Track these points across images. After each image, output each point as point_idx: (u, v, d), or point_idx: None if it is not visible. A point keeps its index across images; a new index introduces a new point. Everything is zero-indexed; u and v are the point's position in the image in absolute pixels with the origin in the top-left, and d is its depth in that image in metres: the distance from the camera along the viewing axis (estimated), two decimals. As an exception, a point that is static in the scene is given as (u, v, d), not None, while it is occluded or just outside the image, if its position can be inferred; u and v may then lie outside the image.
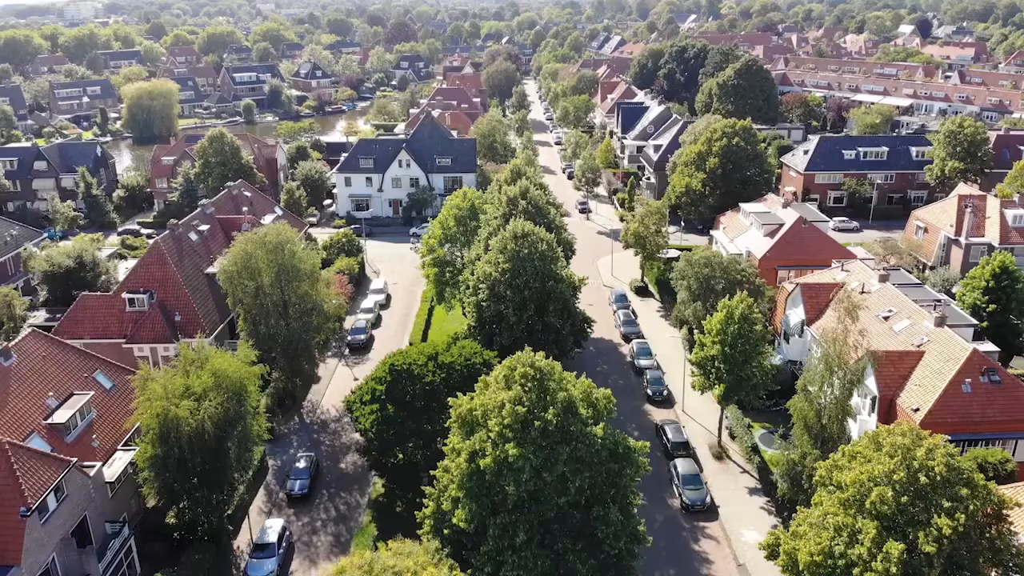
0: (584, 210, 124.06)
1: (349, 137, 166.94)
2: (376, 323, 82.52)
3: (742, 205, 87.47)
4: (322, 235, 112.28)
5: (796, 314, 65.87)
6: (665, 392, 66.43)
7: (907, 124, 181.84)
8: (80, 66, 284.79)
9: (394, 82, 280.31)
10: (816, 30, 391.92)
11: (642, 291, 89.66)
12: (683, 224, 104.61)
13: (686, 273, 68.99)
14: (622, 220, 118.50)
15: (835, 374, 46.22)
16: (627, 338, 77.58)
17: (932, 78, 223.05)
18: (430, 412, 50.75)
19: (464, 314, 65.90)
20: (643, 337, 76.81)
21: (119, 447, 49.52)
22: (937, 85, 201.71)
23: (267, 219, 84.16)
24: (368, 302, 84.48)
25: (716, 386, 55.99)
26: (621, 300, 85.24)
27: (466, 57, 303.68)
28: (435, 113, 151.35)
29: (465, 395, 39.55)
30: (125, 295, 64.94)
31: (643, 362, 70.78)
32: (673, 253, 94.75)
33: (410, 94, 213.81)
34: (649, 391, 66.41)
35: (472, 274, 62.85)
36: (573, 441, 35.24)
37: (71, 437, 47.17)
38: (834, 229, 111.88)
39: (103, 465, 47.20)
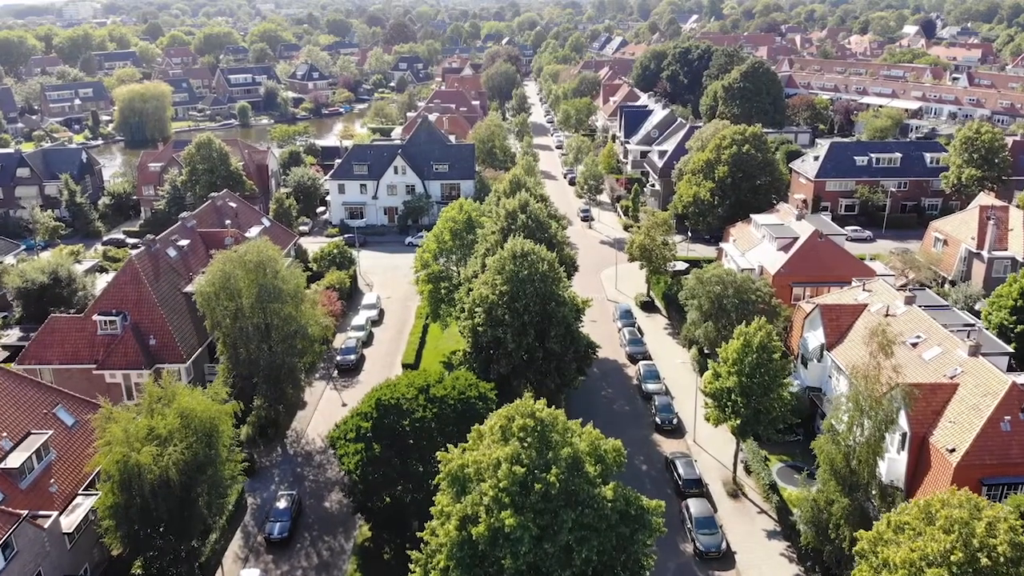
0: (586, 218, 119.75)
1: (344, 141, 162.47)
2: (368, 341, 78.20)
3: (754, 217, 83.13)
4: (314, 245, 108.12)
5: (815, 337, 61.54)
6: (675, 420, 62.07)
7: (917, 127, 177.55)
8: (74, 68, 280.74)
9: (392, 84, 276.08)
10: (819, 31, 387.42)
11: (648, 306, 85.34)
12: (690, 234, 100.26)
13: (696, 292, 64.66)
14: (626, 229, 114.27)
15: (866, 414, 41.86)
16: (633, 359, 73.25)
17: (940, 80, 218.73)
18: (421, 450, 46.44)
19: (460, 332, 61.54)
20: (650, 358, 72.46)
21: (80, 491, 45.22)
22: (946, 88, 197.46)
23: (253, 231, 79.98)
24: (359, 319, 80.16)
25: (732, 419, 51.63)
26: (626, 316, 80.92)
27: (465, 58, 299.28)
28: (432, 117, 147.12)
29: (457, 445, 35.19)
30: (96, 317, 60.64)
31: (651, 386, 66.44)
32: (680, 266, 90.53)
33: (408, 96, 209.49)
34: (658, 419, 62.04)
35: (468, 294, 58.55)
36: (579, 506, 30.94)
37: (26, 483, 42.90)
38: (847, 239, 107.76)
39: (61, 514, 42.92)
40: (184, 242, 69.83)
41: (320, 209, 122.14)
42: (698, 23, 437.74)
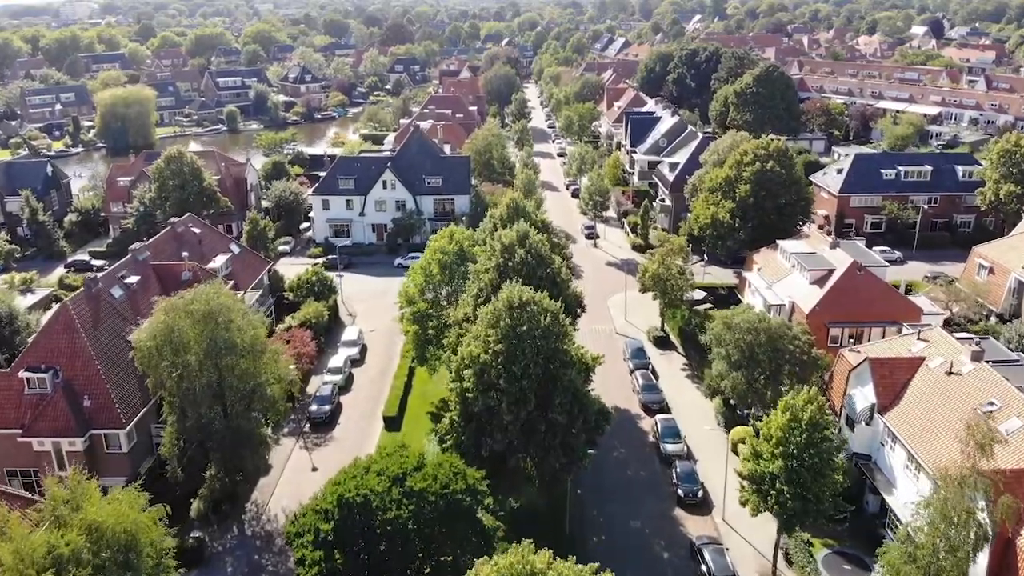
0: (591, 235, 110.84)
1: (330, 149, 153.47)
2: (346, 385, 69.22)
3: (781, 244, 74.21)
4: (295, 267, 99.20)
5: (863, 396, 52.62)
6: (700, 493, 53.11)
7: (938, 134, 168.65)
8: (60, 70, 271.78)
9: (388, 86, 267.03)
10: (826, 31, 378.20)
11: (663, 342, 76.37)
12: (706, 257, 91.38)
13: (724, 339, 55.76)
14: (635, 248, 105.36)
15: (955, 527, 33.01)
16: (648, 409, 64.32)
17: (957, 83, 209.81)
18: (395, 557, 37.67)
19: (448, 393, 52.50)
20: (668, 409, 63.55)
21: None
22: (966, 92, 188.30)
23: (218, 260, 71.05)
24: (337, 359, 71.11)
25: (774, 508, 42.69)
26: (638, 355, 71.91)
27: (464, 60, 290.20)
28: (426, 125, 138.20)
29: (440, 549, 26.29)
30: (23, 374, 51.72)
31: (670, 447, 57.52)
32: (697, 294, 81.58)
33: (402, 101, 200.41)
34: (680, 491, 53.08)
35: (456, 348, 49.68)
36: None
37: None
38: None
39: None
40: (133, 279, 60.84)
41: (304, 225, 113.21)
42: (701, 23, 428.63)
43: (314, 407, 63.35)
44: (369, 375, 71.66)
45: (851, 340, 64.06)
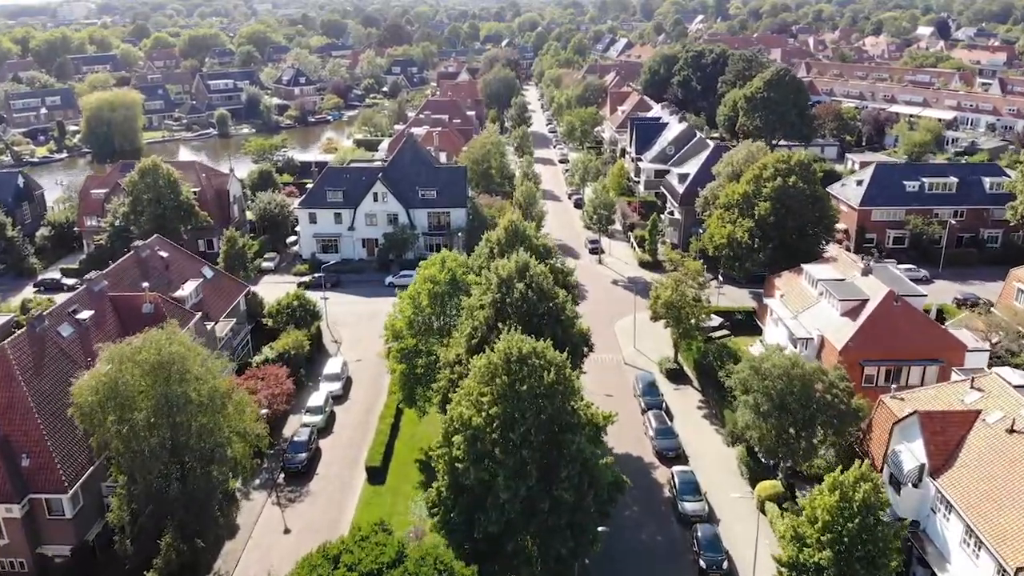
0: (595, 250, 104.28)
1: (314, 161, 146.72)
2: (327, 426, 62.64)
3: (806, 268, 67.64)
4: (279, 286, 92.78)
5: (911, 454, 46.07)
6: (725, 563, 46.51)
7: (954, 140, 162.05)
8: (48, 73, 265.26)
9: (385, 88, 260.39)
10: (831, 32, 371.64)
11: (676, 375, 69.78)
12: (721, 278, 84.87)
13: (751, 385, 49.25)
14: (642, 265, 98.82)
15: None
16: (662, 456, 57.77)
17: (971, 86, 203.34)
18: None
19: (433, 462, 45.85)
20: (685, 459, 57.01)
21: None
22: (981, 96, 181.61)
23: (187, 288, 64.49)
24: (317, 396, 64.41)
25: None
26: (651, 391, 65.31)
27: (463, 62, 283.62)
28: (421, 131, 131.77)
29: None
30: (-50, 428, 45.21)
31: (689, 506, 50.99)
32: (714, 320, 74.93)
33: (398, 105, 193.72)
34: (702, 562, 46.48)
35: (446, 401, 43.21)
36: None
37: None
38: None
39: None
40: (86, 314, 54.23)
41: (291, 239, 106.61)
42: (704, 23, 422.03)
43: (287, 455, 56.73)
44: (352, 414, 65.06)
45: (888, 381, 57.65)
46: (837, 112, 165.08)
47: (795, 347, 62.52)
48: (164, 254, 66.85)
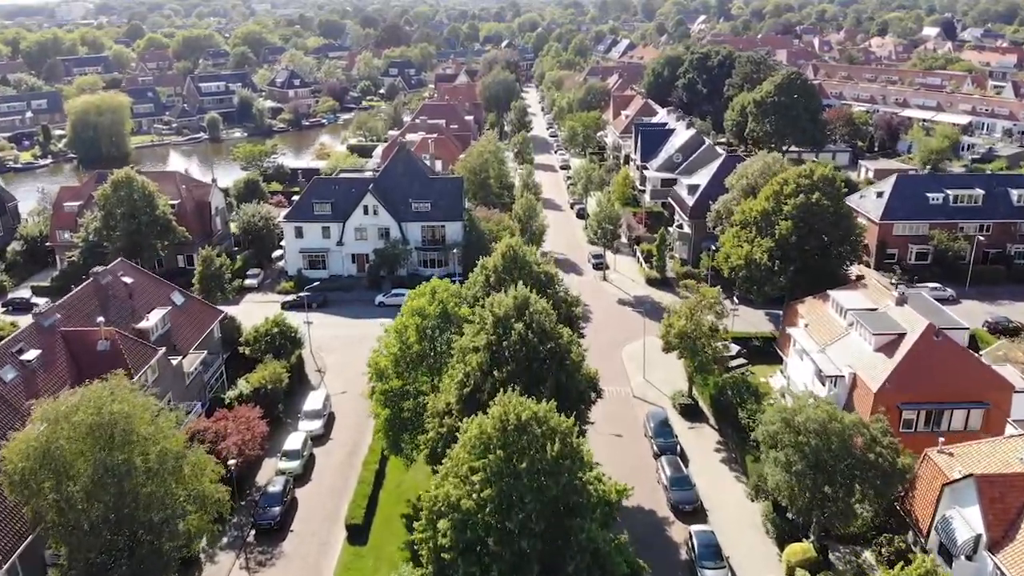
0: (599, 266, 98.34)
1: (301, 169, 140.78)
2: (305, 472, 56.64)
3: (832, 295, 61.64)
4: (263, 306, 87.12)
5: (965, 522, 40.17)
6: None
7: (970, 146, 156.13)
8: (38, 75, 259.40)
9: (382, 91, 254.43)
10: (835, 32, 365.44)
11: (690, 411, 63.77)
12: (736, 298, 78.90)
13: (781, 439, 43.31)
14: (650, 283, 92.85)
15: None
16: (678, 509, 51.77)
17: (983, 89, 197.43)
18: None
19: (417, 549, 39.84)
20: (705, 517, 50.97)
21: None
22: (997, 100, 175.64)
23: (152, 318, 58.55)
24: (295, 439, 58.19)
25: None
26: (663, 432, 59.28)
27: (461, 64, 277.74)
28: (416, 138, 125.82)
29: None
30: None
31: (711, 574, 44.94)
32: (732, 347, 68.87)
33: (394, 108, 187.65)
34: (727, 645, 40.58)
35: (435, 459, 37.26)
36: None
37: None
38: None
39: None
40: (32, 354, 48.22)
41: (277, 253, 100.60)
42: (707, 24, 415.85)
43: (259, 509, 50.73)
44: (334, 457, 59.03)
45: (928, 426, 51.77)
46: (849, 116, 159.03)
47: (823, 385, 56.64)
48: (128, 280, 60.75)
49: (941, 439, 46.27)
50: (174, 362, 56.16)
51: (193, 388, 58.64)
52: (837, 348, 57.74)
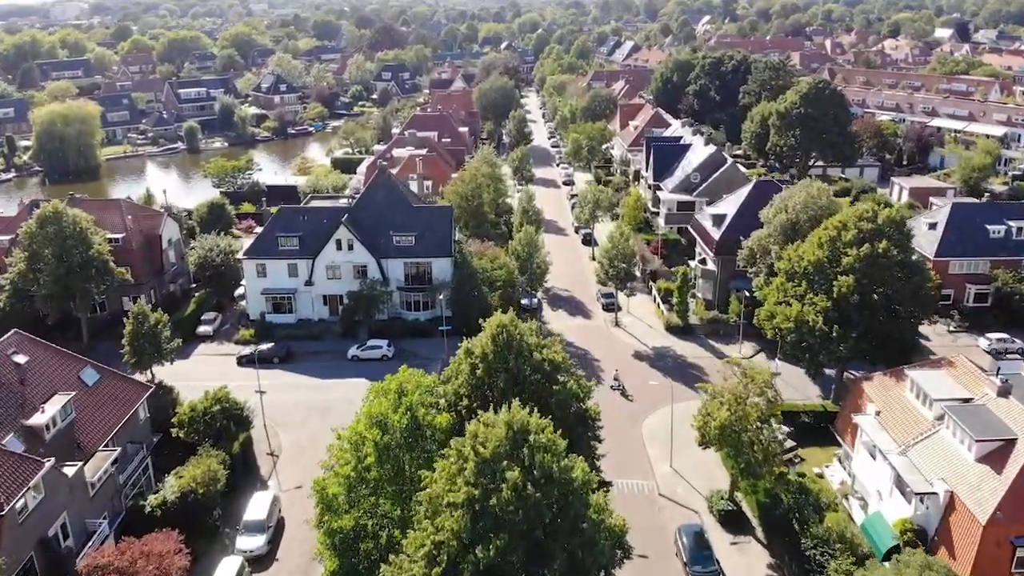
0: (610, 307, 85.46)
1: (267, 186, 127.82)
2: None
3: (911, 375, 48.60)
4: (216, 360, 74.50)
5: None
6: None
7: (1009, 161, 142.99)
8: (13, 80, 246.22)
9: (374, 96, 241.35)
10: (846, 33, 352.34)
11: (732, 519, 50.76)
12: (779, 360, 66.00)
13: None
14: (670, 330, 79.91)
15: None
16: None
17: (1012, 95, 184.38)
18: None
19: None
20: None
21: None
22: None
23: (48, 410, 45.60)
24: (229, 565, 45.07)
25: None
26: (699, 554, 46.30)
27: (458, 67, 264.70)
28: (404, 154, 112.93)
29: None
30: None
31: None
32: (783, 428, 55.70)
33: (383, 118, 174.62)
34: None
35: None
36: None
37: None
38: (988, 351, 73.46)
39: None
40: None
41: (240, 292, 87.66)
42: (712, 24, 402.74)
43: None
44: (280, 588, 46.18)
45: (1058, 569, 38.96)
46: (877, 128, 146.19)
47: (907, 501, 43.78)
48: (21, 359, 47.67)
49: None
50: (70, 472, 43.22)
51: (100, 500, 45.79)
52: (924, 451, 44.79)
